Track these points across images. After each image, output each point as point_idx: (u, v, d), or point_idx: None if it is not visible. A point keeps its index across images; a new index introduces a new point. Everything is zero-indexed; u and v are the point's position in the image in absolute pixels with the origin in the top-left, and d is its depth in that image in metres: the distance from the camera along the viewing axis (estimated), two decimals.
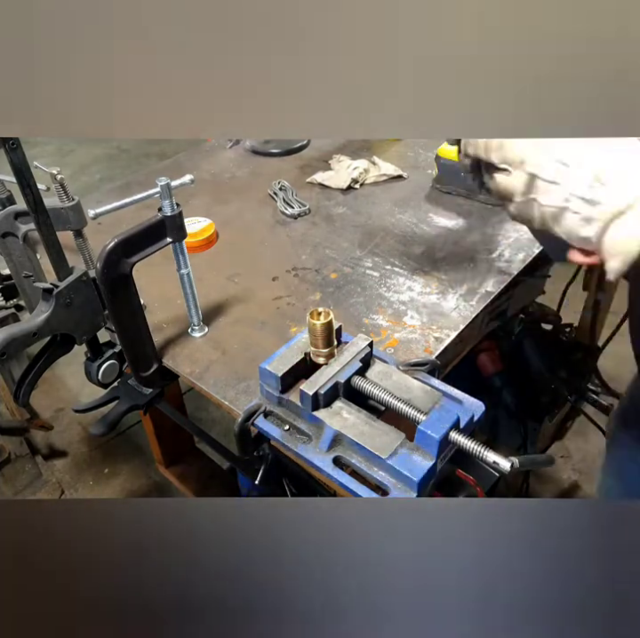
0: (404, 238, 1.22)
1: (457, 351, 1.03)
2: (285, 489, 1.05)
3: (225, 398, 0.89)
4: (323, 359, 0.78)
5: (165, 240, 0.88)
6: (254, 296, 1.10)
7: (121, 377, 0.99)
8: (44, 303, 0.84)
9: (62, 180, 0.86)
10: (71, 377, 2.41)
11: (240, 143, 1.65)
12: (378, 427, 0.73)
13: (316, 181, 1.44)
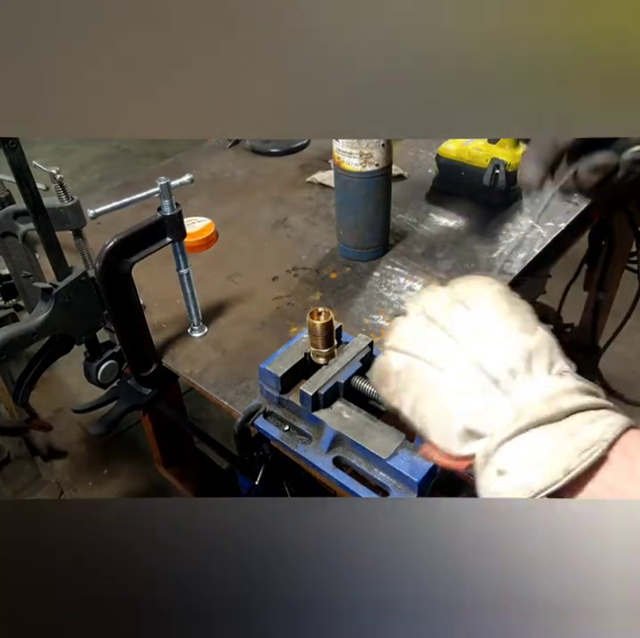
0: (404, 238, 1.22)
1: None
2: (285, 489, 1.05)
3: (225, 398, 0.89)
4: (323, 359, 0.78)
5: (165, 240, 0.88)
6: (254, 296, 1.10)
7: (120, 377, 0.99)
8: (43, 303, 0.83)
9: (61, 180, 0.86)
10: (71, 377, 2.41)
11: (240, 143, 1.65)
12: (378, 428, 0.73)
13: (316, 181, 1.44)
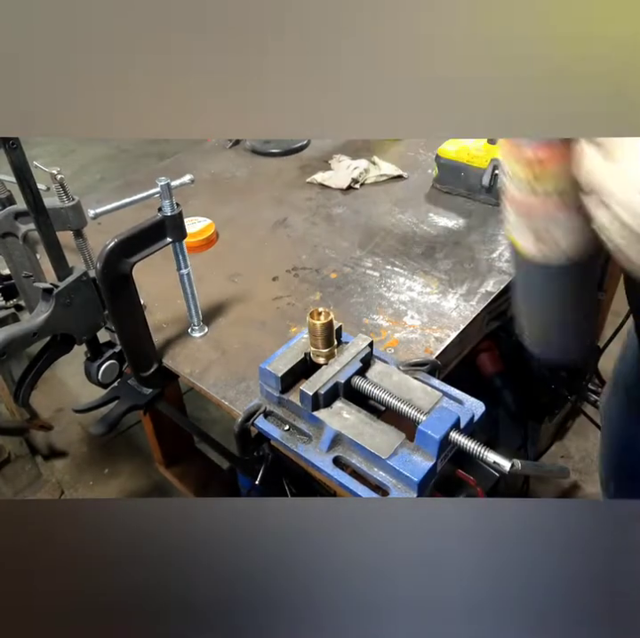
0: (404, 238, 1.22)
1: (457, 351, 1.03)
2: (285, 489, 1.05)
3: (225, 398, 0.89)
4: (323, 359, 0.78)
5: (165, 240, 0.88)
6: (254, 296, 1.10)
7: (121, 377, 0.99)
8: (43, 303, 0.84)
9: (62, 180, 0.86)
10: (71, 377, 2.41)
11: (240, 143, 1.65)
12: (378, 427, 0.73)
13: (316, 181, 1.44)
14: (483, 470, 1.03)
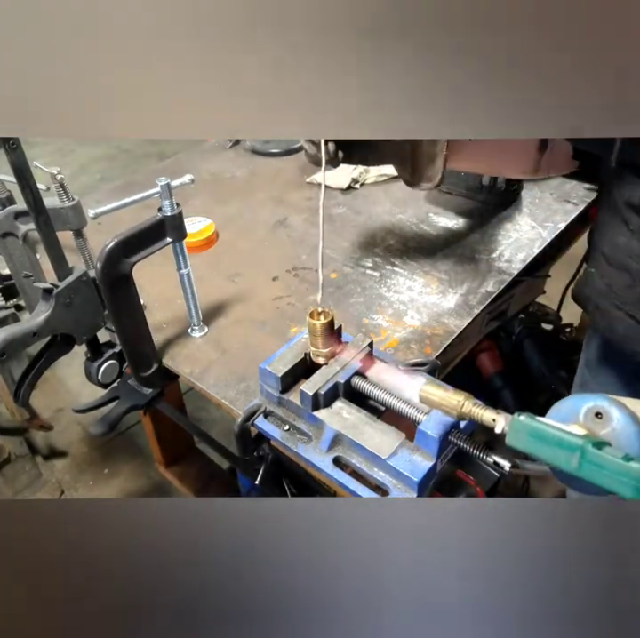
0: (404, 238, 1.22)
1: (457, 351, 1.03)
2: (285, 489, 1.05)
3: (225, 398, 0.89)
4: (323, 359, 0.78)
5: (165, 240, 0.88)
6: (254, 296, 1.10)
7: (121, 377, 0.99)
8: (43, 303, 0.84)
9: (62, 180, 0.86)
10: (71, 377, 2.41)
11: (240, 143, 1.65)
12: (378, 427, 0.73)
13: (316, 181, 1.44)
14: (483, 470, 1.03)
